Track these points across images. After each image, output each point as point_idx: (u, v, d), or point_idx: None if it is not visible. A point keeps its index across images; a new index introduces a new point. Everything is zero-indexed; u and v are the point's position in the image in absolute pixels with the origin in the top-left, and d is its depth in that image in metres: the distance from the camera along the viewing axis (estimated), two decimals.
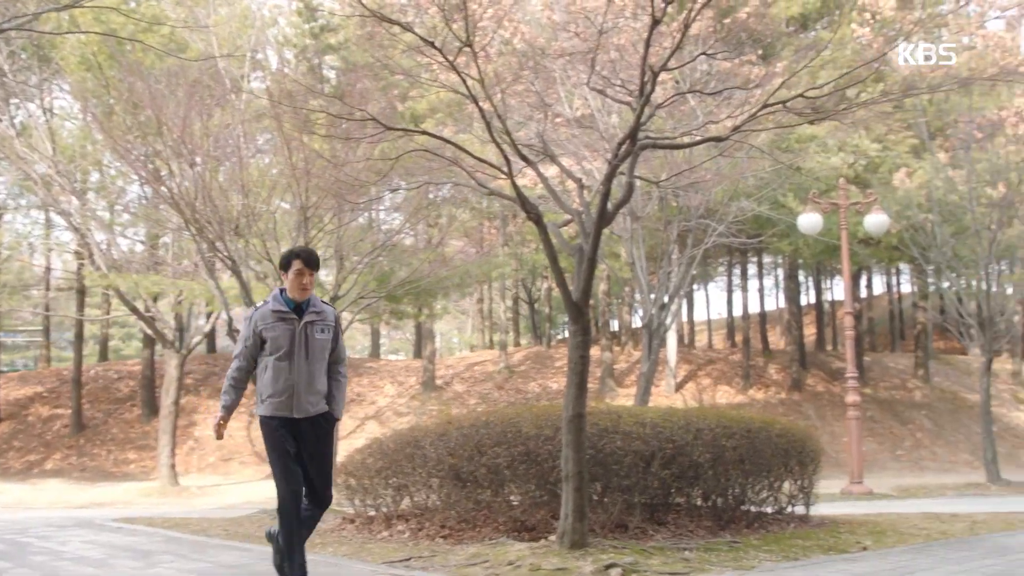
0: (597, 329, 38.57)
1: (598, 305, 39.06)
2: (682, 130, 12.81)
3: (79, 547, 9.37)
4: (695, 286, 47.94)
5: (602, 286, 37.37)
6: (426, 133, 9.74)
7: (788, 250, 28.62)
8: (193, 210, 14.73)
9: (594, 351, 34.11)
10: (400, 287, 20.65)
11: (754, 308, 47.54)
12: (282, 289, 6.13)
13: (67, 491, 24.28)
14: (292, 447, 6.02)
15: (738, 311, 43.61)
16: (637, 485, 8.81)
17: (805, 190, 22.02)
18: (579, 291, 8.29)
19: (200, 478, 27.01)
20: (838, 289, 50.35)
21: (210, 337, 36.40)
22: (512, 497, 9.25)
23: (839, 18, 23.88)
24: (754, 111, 8.81)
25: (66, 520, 13.66)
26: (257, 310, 6.12)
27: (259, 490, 23.08)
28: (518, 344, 47.41)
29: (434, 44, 8.46)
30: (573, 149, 16.80)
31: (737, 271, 44.34)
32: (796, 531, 9.53)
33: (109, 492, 23.67)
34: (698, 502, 9.57)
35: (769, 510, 10.18)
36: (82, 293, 33.28)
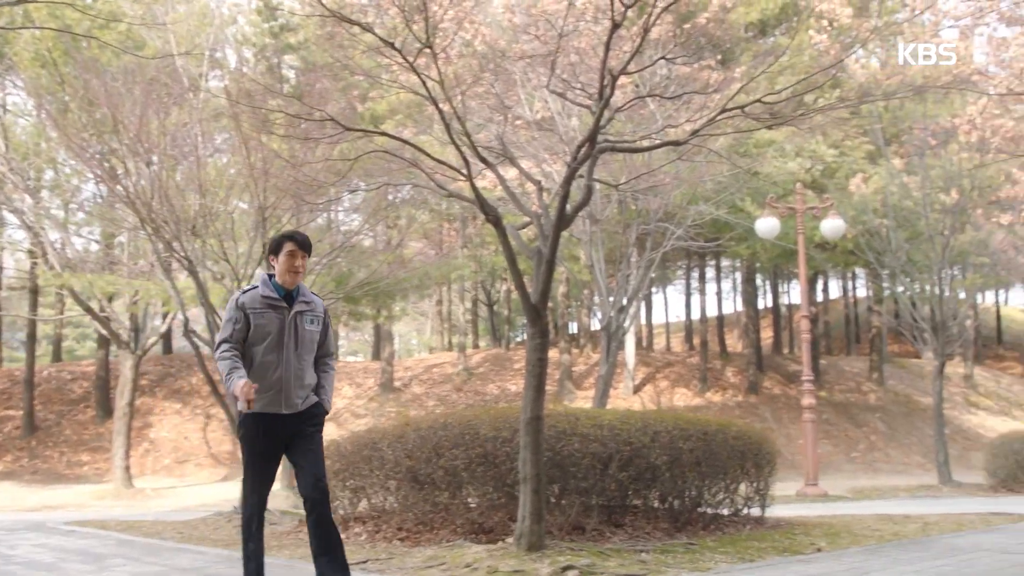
0: (556, 331, 38.64)
1: (557, 307, 39.14)
2: (641, 134, 12.87)
3: (29, 551, 9.24)
4: (654, 289, 48.19)
5: (561, 288, 37.46)
6: (385, 134, 9.70)
7: (746, 254, 28.86)
8: (149, 209, 14.56)
9: (553, 353, 34.16)
10: (359, 288, 20.58)
11: (712, 311, 47.97)
12: (270, 275, 5.79)
13: (18, 494, 23.93)
14: (273, 459, 5.74)
15: (696, 314, 43.90)
16: (594, 487, 8.83)
17: (763, 194, 22.21)
18: (537, 293, 8.29)
19: (155, 480, 26.74)
20: (795, 293, 50.91)
21: (166, 338, 36.08)
22: (470, 499, 9.24)
23: (797, 24, 24.12)
24: (713, 115, 8.87)
25: (16, 523, 13.47)
26: (245, 292, 5.74)
27: (215, 492, 22.90)
28: (477, 346, 47.41)
29: (394, 45, 8.44)
30: (533, 152, 16.82)
31: (695, 274, 44.65)
32: (752, 533, 9.60)
33: (61, 495, 23.36)
34: (655, 504, 9.61)
35: (725, 512, 10.24)
36: (35, 292, 32.81)
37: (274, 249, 5.77)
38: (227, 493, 21.38)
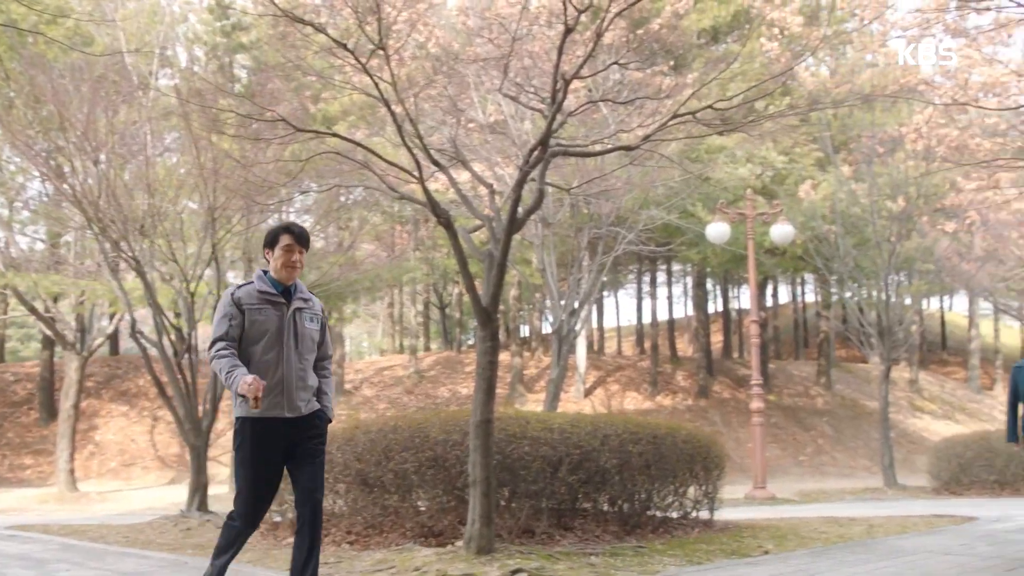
0: (507, 335, 38.67)
1: (508, 311, 39.18)
2: (594, 138, 12.91)
3: None
4: (605, 293, 48.40)
5: (513, 292, 37.50)
6: (337, 135, 9.65)
7: (696, 259, 29.09)
8: (96, 208, 14.36)
9: (504, 357, 34.20)
10: (309, 290, 20.37)
11: (663, 315, 48.23)
12: (265, 271, 5.45)
13: None
14: (276, 468, 5.25)
15: (647, 318, 44.18)
16: (544, 490, 8.84)
17: (713, 200, 22.39)
18: (488, 296, 8.29)
19: (100, 484, 26.35)
20: (744, 298, 51.32)
21: (113, 339, 35.57)
22: (419, 503, 9.20)
23: (748, 32, 24.33)
24: (664, 121, 8.92)
25: None
26: (240, 288, 5.36)
27: (162, 496, 22.64)
28: (428, 349, 47.30)
29: (346, 46, 8.40)
30: (485, 155, 16.83)
31: (647, 278, 44.88)
32: (700, 535, 9.67)
33: (3, 499, 22.95)
34: (605, 507, 9.64)
35: (674, 515, 10.30)
36: None
37: (269, 242, 5.43)
38: (174, 496, 21.13)
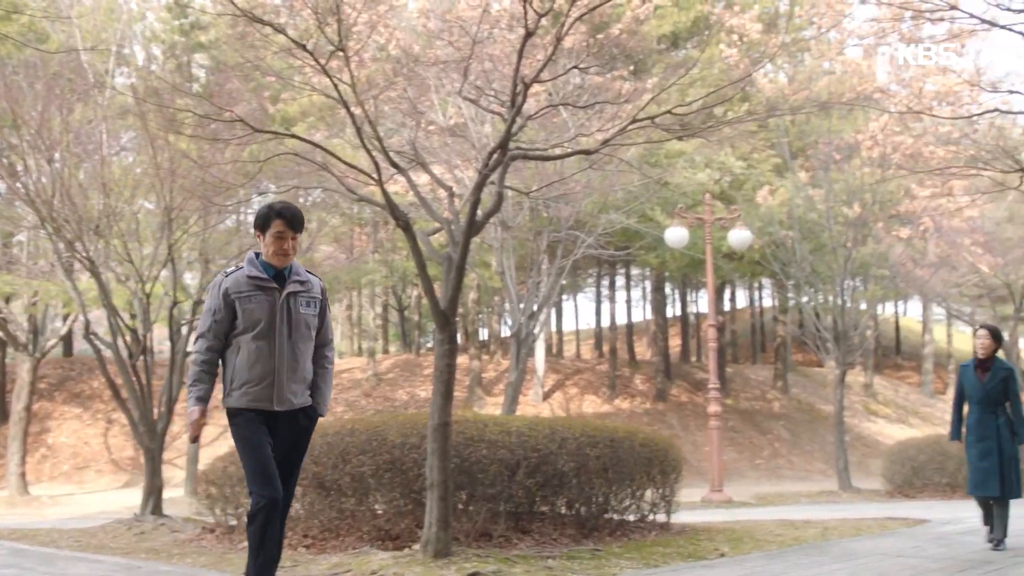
0: (466, 338, 38.64)
1: (468, 314, 39.16)
2: (554, 142, 12.95)
3: None
4: (564, 296, 48.49)
5: (472, 295, 37.48)
6: (296, 137, 9.60)
7: (655, 263, 29.22)
8: (50, 208, 14.17)
9: (463, 360, 34.16)
10: None
11: (621, 319, 48.36)
12: (257, 253, 5.10)
13: None
14: (271, 442, 4.96)
15: (606, 322, 44.27)
16: (502, 494, 8.83)
17: (672, 204, 22.51)
18: (446, 299, 8.28)
19: (52, 487, 25.98)
20: (703, 302, 51.64)
21: (67, 340, 35.12)
22: (376, 506, 9.17)
23: (708, 38, 24.55)
24: (623, 125, 8.96)
25: None
26: (228, 275, 5.04)
27: (116, 499, 22.37)
28: (387, 351, 47.13)
29: (306, 47, 8.36)
30: (445, 157, 16.81)
31: (605, 282, 45.02)
32: (657, 538, 9.71)
33: None
34: (562, 510, 9.65)
35: (632, 518, 10.34)
36: None
37: (261, 225, 5.06)
38: (128, 500, 20.88)
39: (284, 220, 4.99)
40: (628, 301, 48.91)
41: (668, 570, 7.61)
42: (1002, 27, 10.14)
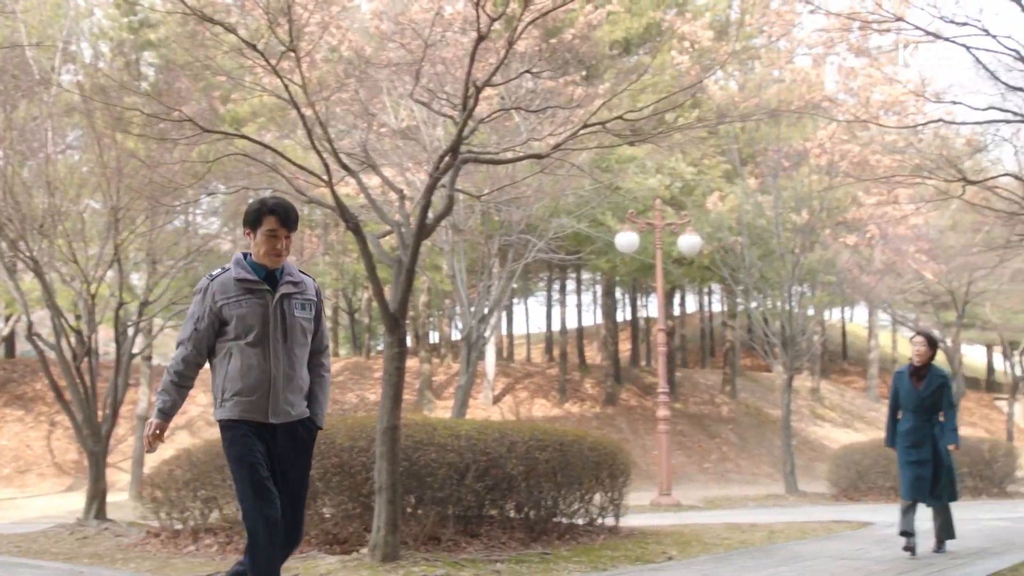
0: (417, 341, 38.52)
1: (418, 317, 39.03)
2: (505, 145, 12.96)
3: None
4: (515, 300, 48.49)
5: (423, 298, 37.37)
6: (245, 137, 9.53)
7: (606, 267, 29.33)
8: None
9: (413, 363, 34.06)
10: None
11: (572, 323, 48.51)
12: (246, 253, 4.66)
13: None
14: (265, 460, 4.52)
15: (556, 326, 44.37)
16: (451, 497, 8.83)
17: (623, 209, 22.61)
18: (396, 302, 8.26)
19: None
20: (653, 306, 51.94)
21: (8, 341, 34.50)
22: (324, 509, 9.12)
23: (660, 45, 24.70)
24: (575, 130, 9.01)
25: None
26: (214, 279, 4.58)
27: (58, 503, 22.02)
28: (337, 354, 46.83)
29: (256, 47, 8.30)
30: (396, 160, 16.75)
31: (556, 286, 45.11)
32: (606, 542, 9.75)
33: None
34: (511, 514, 9.66)
35: (580, 522, 10.37)
36: None
37: (251, 222, 4.60)
38: (71, 504, 20.54)
39: (277, 217, 4.56)
40: (579, 305, 49.06)
41: (616, 573, 7.65)
42: (946, 39, 10.32)
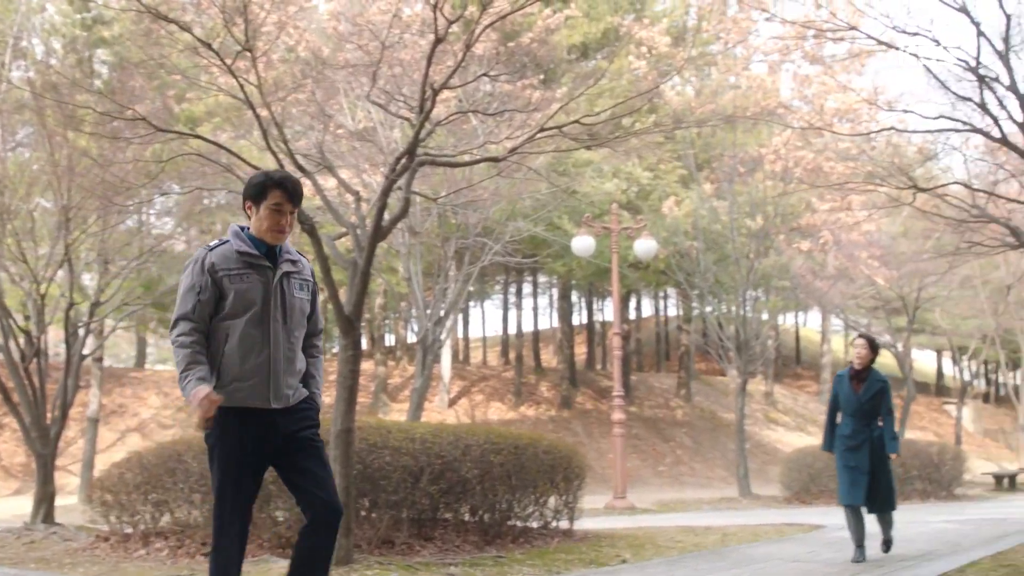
0: (372, 343, 38.38)
1: (374, 319, 38.89)
2: (462, 148, 12.95)
3: None
4: (471, 303, 48.52)
5: (378, 300, 37.24)
6: (200, 137, 9.45)
7: (562, 271, 29.42)
8: None
9: (368, 365, 33.92)
10: (169, 294, 19.95)
11: (528, 326, 48.55)
12: (243, 227, 4.34)
13: None
14: (258, 471, 4.26)
15: (513, 329, 44.39)
16: (405, 501, 8.80)
17: (580, 213, 22.68)
18: (351, 304, 8.23)
19: None
20: (608, 310, 52.12)
21: None
22: (277, 513, 9.03)
23: (617, 50, 24.82)
24: (532, 134, 9.03)
25: None
26: (213, 249, 4.24)
27: (5, 507, 21.64)
28: None
29: (211, 46, 8.23)
30: (353, 162, 16.67)
31: (513, 289, 45.16)
32: (560, 545, 9.77)
33: None
34: (466, 517, 9.65)
35: (535, 525, 10.38)
36: None
37: (255, 195, 4.28)
38: (18, 508, 20.20)
39: (284, 191, 4.25)
40: (535, 308, 49.19)
41: None
42: (898, 49, 10.47)
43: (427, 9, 11.60)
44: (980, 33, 9.87)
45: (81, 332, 14.74)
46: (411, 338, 41.11)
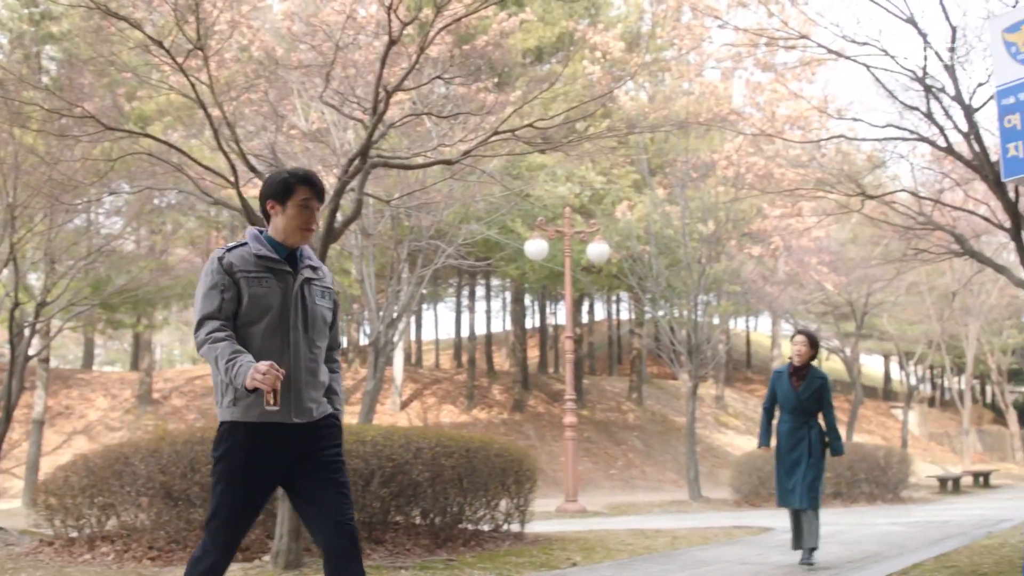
0: None
1: None
2: (416, 151, 12.93)
3: None
4: (424, 306, 48.41)
5: None
6: (150, 136, 9.35)
7: (515, 274, 29.45)
8: None
9: None
10: (117, 295, 19.72)
11: (481, 329, 48.60)
12: (261, 230, 4.05)
13: None
14: (264, 492, 3.93)
15: (465, 332, 44.45)
16: (355, 504, 8.74)
17: (533, 217, 22.72)
18: None
19: None
20: (561, 314, 52.27)
21: None
22: None
23: (572, 54, 24.90)
24: (485, 137, 9.04)
25: None
26: (230, 250, 3.93)
27: None
28: None
29: (162, 44, 8.15)
30: (306, 162, 16.56)
31: (466, 292, 45.20)
32: (511, 548, 9.78)
33: None
34: (417, 520, 9.63)
35: (486, 528, 10.39)
36: None
37: (279, 193, 3.99)
38: None
39: (311, 187, 4.01)
40: (488, 312, 49.16)
41: None
42: (848, 58, 10.62)
43: (381, 11, 11.58)
44: (927, 44, 10.03)
45: (26, 333, 14.51)
46: (363, 340, 40.98)
